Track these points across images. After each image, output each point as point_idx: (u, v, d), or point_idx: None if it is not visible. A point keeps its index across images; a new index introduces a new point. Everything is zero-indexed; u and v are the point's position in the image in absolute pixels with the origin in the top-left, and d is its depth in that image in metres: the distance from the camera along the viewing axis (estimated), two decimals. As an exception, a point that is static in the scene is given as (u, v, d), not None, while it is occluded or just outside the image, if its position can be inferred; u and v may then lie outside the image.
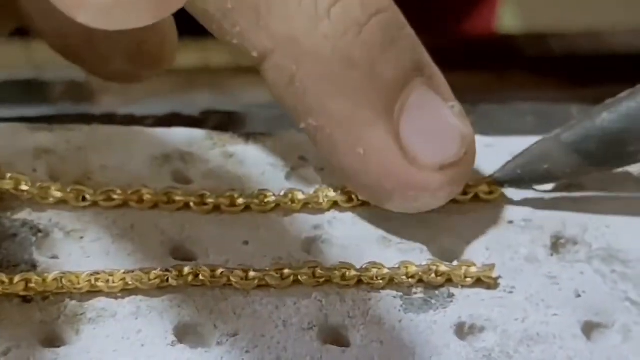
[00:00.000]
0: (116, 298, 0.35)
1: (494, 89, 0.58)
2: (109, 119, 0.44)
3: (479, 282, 0.37)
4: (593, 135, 0.37)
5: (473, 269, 0.37)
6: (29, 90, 0.53)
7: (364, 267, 0.36)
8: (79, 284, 0.35)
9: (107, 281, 0.35)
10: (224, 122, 0.45)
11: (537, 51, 0.61)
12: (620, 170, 0.41)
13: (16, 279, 0.35)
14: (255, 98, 0.54)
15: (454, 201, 0.39)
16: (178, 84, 0.56)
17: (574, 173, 0.38)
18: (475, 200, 0.39)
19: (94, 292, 0.35)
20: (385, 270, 0.36)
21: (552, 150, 0.38)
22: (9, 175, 0.38)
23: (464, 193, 0.39)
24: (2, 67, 0.56)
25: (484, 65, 0.59)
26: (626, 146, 0.37)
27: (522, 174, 0.38)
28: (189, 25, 0.37)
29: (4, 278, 0.35)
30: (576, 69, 0.59)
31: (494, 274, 0.37)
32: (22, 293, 0.35)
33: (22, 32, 0.46)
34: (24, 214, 0.38)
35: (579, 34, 0.62)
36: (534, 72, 0.59)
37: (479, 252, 0.38)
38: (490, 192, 0.39)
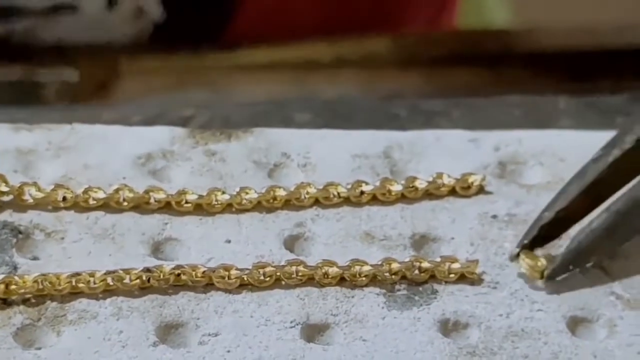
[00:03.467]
0: (97, 299, 0.35)
1: (486, 84, 0.58)
2: (93, 118, 0.44)
3: (462, 278, 0.37)
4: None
5: (456, 265, 0.36)
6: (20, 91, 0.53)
7: (346, 264, 0.36)
8: (59, 285, 0.35)
9: (88, 282, 0.35)
10: (208, 119, 0.45)
11: (529, 47, 0.61)
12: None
13: (-4, 281, 0.35)
14: (239, 95, 0.53)
15: (436, 196, 0.39)
16: (167, 83, 0.56)
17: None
18: (457, 195, 0.39)
19: (75, 294, 0.35)
20: (368, 267, 0.36)
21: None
22: (-12, 176, 0.38)
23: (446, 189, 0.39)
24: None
25: (476, 61, 0.59)
26: None
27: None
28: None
29: (-16, 280, 0.35)
30: (568, 65, 0.59)
31: (478, 270, 0.37)
32: (2, 295, 0.35)
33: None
34: (5, 215, 0.37)
35: (571, 29, 0.62)
36: (527, 68, 0.59)
37: (462, 248, 0.38)
38: (469, 187, 0.39)
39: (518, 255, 0.37)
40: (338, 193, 0.39)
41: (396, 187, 0.39)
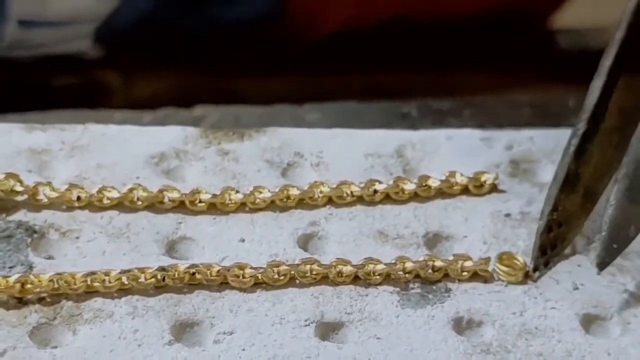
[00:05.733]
0: (112, 298, 0.35)
1: (500, 86, 0.58)
2: (105, 118, 0.44)
3: (476, 276, 0.37)
4: None
5: (469, 263, 0.37)
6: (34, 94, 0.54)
7: (360, 263, 0.36)
8: (75, 284, 0.35)
9: (103, 281, 0.35)
10: (218, 119, 0.45)
11: (545, 47, 0.61)
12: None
13: (12, 280, 0.35)
14: (252, 93, 0.53)
15: (449, 195, 0.39)
16: (177, 85, 0.56)
17: None
18: (470, 194, 0.39)
19: (90, 293, 0.35)
20: (382, 266, 0.36)
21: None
22: (3, 176, 0.38)
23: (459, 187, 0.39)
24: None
25: (489, 63, 0.59)
26: None
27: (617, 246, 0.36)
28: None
29: (0, 280, 0.35)
30: (580, 64, 0.59)
31: (491, 268, 0.37)
32: (18, 294, 0.35)
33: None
34: (19, 215, 0.38)
35: (582, 29, 0.62)
36: (542, 69, 0.59)
37: (475, 246, 0.38)
38: (481, 186, 0.39)
39: (535, 270, 0.37)
40: (351, 192, 0.39)
41: (409, 186, 0.39)
